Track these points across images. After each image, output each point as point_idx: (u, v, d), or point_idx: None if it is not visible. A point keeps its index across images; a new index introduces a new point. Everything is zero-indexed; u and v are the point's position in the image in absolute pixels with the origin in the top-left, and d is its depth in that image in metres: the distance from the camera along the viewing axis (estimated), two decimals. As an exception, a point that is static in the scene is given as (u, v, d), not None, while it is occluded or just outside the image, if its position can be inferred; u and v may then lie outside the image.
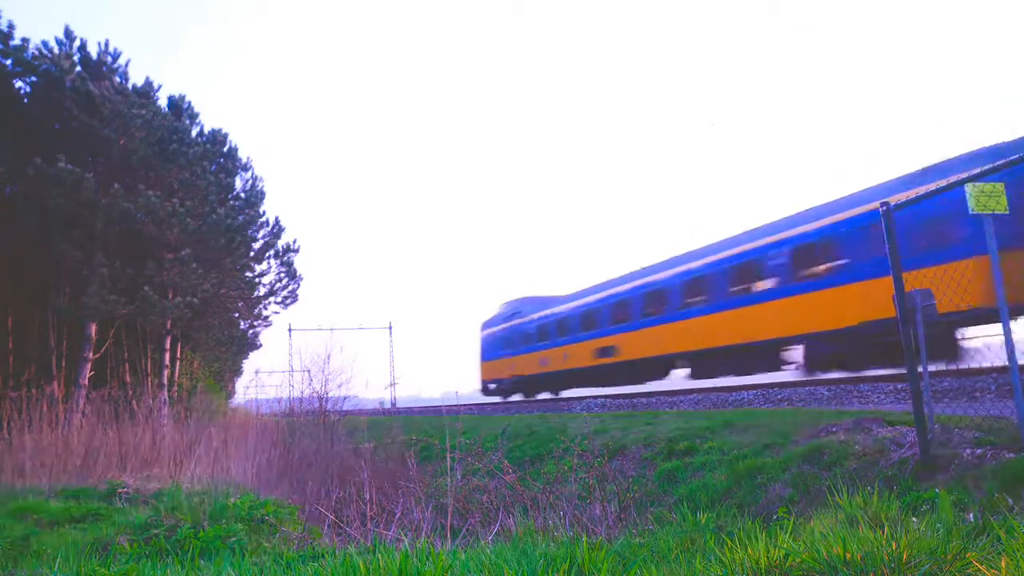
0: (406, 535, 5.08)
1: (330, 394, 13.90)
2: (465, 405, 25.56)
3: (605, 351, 20.76)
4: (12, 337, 15.29)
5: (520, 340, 26.53)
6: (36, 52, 15.15)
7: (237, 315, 23.90)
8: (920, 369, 5.24)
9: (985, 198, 4.77)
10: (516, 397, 27.64)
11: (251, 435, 10.64)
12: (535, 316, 25.68)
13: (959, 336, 11.66)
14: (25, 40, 15.07)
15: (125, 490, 7.44)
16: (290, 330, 50.13)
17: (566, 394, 24.54)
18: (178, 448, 10.27)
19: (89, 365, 15.27)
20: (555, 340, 23.72)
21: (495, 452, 8.77)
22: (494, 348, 28.95)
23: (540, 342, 24.80)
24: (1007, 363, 4.65)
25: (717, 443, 7.85)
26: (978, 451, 4.94)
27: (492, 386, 29.12)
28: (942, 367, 10.74)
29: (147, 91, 16.77)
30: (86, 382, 15.02)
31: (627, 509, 6.31)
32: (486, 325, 30.56)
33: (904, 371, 6.67)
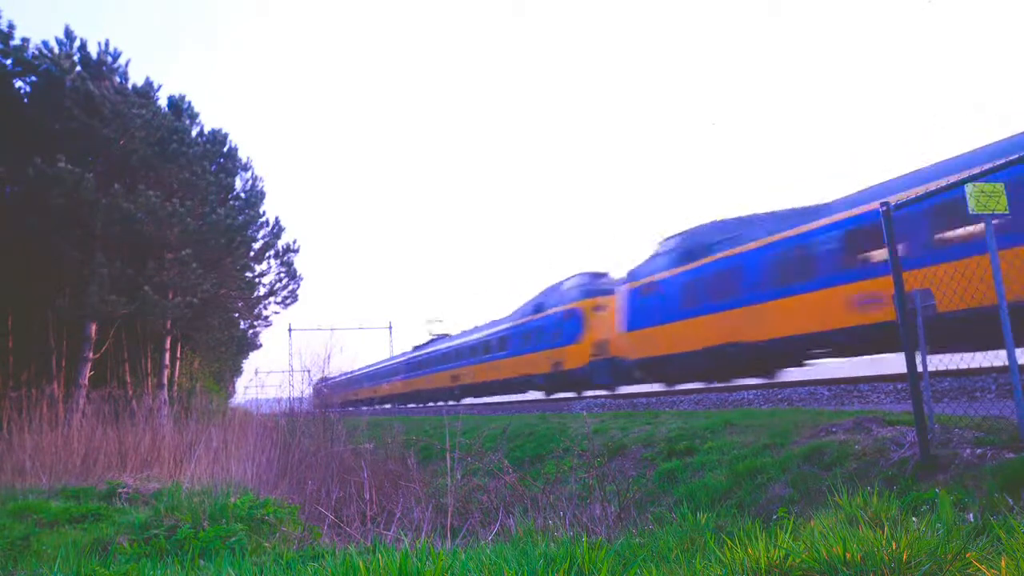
0: (406, 535, 5.08)
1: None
2: (464, 405, 27.89)
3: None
4: (12, 337, 15.29)
5: (342, 386, 56.88)
6: (36, 52, 15.13)
7: (237, 315, 23.92)
8: (920, 369, 5.25)
9: (985, 198, 4.77)
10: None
11: (251, 435, 10.61)
12: (342, 379, 58.19)
13: None
14: (25, 40, 15.04)
15: (125, 490, 7.44)
16: (290, 330, 50.84)
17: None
18: (178, 448, 10.26)
19: (89, 365, 15.27)
20: (352, 387, 53.65)
21: (495, 452, 8.77)
22: (320, 391, 54.07)
23: (349, 387, 54.20)
24: (1007, 363, 4.65)
25: (717, 443, 7.84)
26: (978, 451, 4.94)
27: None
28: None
29: (147, 91, 16.77)
30: (86, 382, 15.01)
31: (627, 509, 6.31)
32: (315, 385, 56.15)
33: (904, 371, 6.65)
